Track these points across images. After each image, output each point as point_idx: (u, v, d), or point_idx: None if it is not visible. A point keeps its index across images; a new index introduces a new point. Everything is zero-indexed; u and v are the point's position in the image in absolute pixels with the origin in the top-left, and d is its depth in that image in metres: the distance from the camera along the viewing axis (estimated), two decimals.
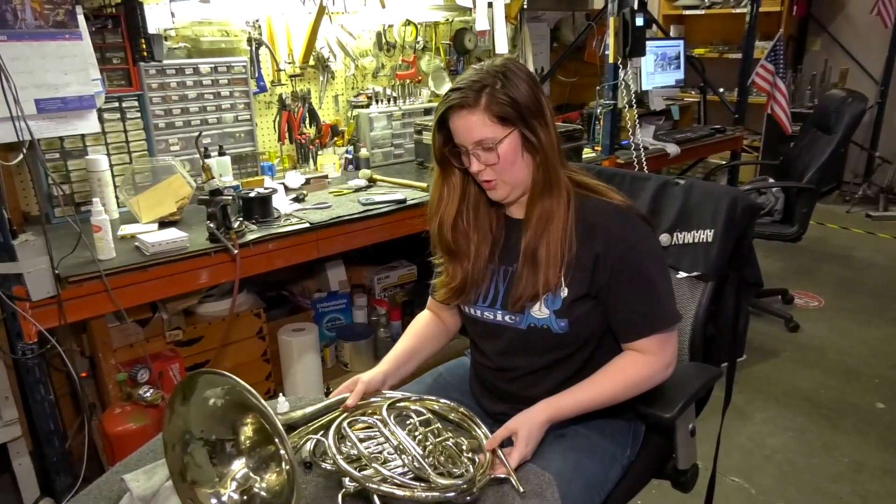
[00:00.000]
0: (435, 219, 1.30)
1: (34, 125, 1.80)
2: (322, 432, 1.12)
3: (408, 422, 1.16)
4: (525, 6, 3.32)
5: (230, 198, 1.82)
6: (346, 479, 1.03)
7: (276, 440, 0.98)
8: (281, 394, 1.32)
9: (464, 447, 1.10)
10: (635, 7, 2.77)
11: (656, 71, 3.58)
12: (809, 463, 2.27)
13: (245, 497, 1.01)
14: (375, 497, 1.01)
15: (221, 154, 2.36)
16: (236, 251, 1.82)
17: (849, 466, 2.25)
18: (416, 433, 1.12)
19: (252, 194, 2.03)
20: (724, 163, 4.01)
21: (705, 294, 1.49)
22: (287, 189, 2.40)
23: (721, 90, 4.79)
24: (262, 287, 2.79)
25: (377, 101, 2.87)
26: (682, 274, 1.52)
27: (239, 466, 1.04)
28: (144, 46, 2.18)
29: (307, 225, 2.03)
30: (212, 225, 1.79)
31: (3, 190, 1.57)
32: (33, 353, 1.64)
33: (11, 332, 1.63)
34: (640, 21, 2.84)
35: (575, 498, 1.15)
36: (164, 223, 2.01)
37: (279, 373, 2.53)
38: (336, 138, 2.83)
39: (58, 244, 1.73)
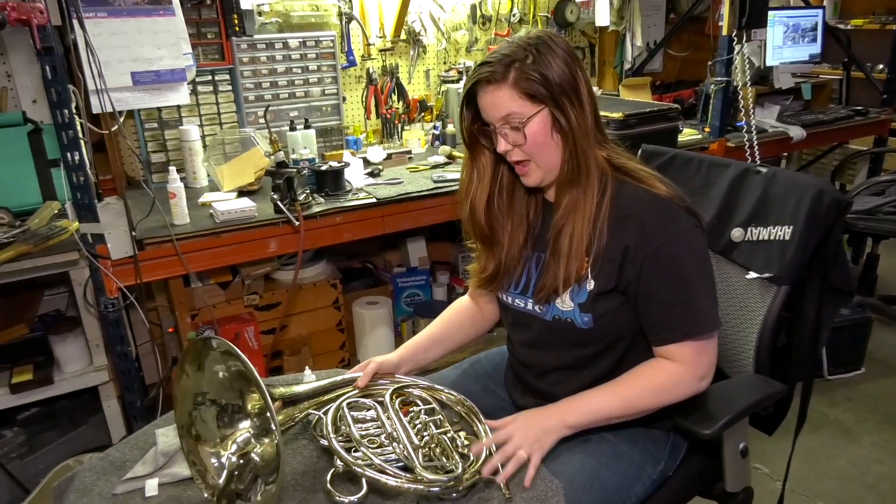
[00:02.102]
0: (465, 204, 1.23)
1: (130, 96, 1.96)
2: (323, 409, 1.12)
3: (412, 409, 1.13)
4: None
5: (294, 170, 1.86)
6: (337, 459, 1.02)
7: (267, 413, 0.99)
8: (307, 367, 1.33)
9: (459, 442, 1.05)
10: None
11: (785, 44, 3.20)
12: None
13: (242, 460, 1.03)
14: (363, 480, 0.99)
15: (307, 127, 2.41)
16: (298, 223, 1.86)
17: None
18: (417, 422, 1.08)
19: (324, 167, 2.06)
20: (864, 150, 3.54)
21: (778, 299, 1.31)
22: (367, 163, 2.42)
23: (881, 67, 4.20)
24: (347, 257, 2.86)
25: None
26: (753, 274, 1.35)
27: (243, 429, 1.07)
28: (237, 22, 2.28)
29: (373, 200, 2.03)
30: (275, 196, 1.84)
31: (90, 155, 1.70)
32: (114, 308, 1.79)
33: (96, 287, 1.78)
34: None
35: None
36: (242, 192, 2.11)
37: (353, 343, 2.60)
38: (424, 114, 2.81)
39: (145, 208, 1.87)
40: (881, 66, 4.13)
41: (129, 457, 1.22)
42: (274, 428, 0.98)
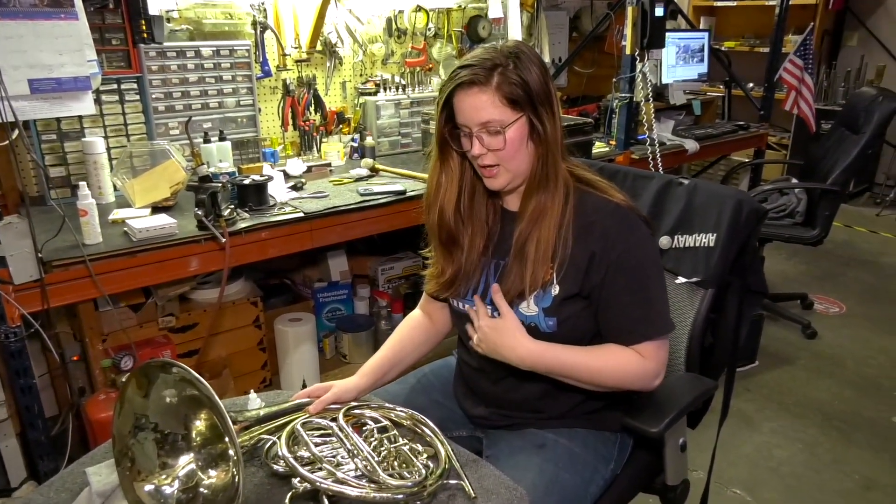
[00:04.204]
0: (434, 207, 1.23)
1: (27, 105, 1.79)
2: (276, 433, 1.08)
3: (364, 428, 1.12)
4: None
5: (219, 185, 1.78)
6: (296, 480, 0.98)
7: (227, 438, 0.94)
8: (252, 390, 1.27)
9: (419, 451, 1.05)
10: None
11: (678, 64, 3.45)
12: (818, 478, 2.18)
13: (189, 494, 0.97)
14: (324, 497, 0.96)
15: (222, 139, 2.32)
16: (224, 240, 1.78)
17: (859, 483, 2.15)
18: (372, 439, 1.07)
19: (247, 181, 1.99)
20: (746, 161, 3.87)
21: (705, 301, 1.41)
22: (287, 176, 2.36)
23: (750, 85, 4.63)
24: (265, 274, 2.76)
25: (385, 89, 2.80)
26: (682, 279, 1.44)
27: (186, 461, 1.00)
28: (145, 28, 2.15)
29: (301, 214, 1.98)
30: (200, 212, 1.75)
31: None
32: (16, 337, 1.63)
33: None
34: (660, 11, 2.72)
35: None
36: (157, 208, 1.98)
37: (275, 362, 2.51)
38: (342, 126, 2.78)
39: (48, 227, 1.71)
40: (751, 85, 4.56)
41: (57, 500, 1.11)
42: (233, 453, 0.93)
